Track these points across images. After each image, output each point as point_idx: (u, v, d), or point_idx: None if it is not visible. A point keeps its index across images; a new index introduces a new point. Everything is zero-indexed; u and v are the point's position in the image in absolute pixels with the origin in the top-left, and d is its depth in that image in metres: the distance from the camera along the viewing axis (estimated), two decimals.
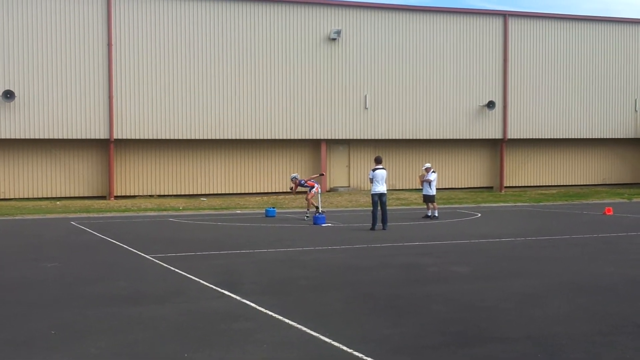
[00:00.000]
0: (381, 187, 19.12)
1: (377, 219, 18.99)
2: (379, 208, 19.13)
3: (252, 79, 33.26)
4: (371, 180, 19.32)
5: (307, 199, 23.80)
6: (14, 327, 7.72)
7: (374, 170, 19.27)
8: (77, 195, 31.87)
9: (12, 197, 30.81)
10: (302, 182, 23.95)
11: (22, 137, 30.34)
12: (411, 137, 36.23)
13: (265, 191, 34.54)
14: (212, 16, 32.66)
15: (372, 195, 19.24)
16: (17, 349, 6.86)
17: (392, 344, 7.10)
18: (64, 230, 19.60)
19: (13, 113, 30.04)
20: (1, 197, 30.60)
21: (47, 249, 15.24)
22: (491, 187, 38.65)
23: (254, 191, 34.45)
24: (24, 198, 30.87)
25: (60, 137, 30.86)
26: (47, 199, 30.99)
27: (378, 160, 19.58)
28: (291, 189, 24.89)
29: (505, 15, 37.66)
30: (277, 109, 33.68)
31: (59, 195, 31.51)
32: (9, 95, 29.73)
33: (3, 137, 30.08)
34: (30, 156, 31.22)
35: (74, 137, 31.06)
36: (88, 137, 31.21)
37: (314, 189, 23.42)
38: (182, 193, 33.31)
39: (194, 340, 7.20)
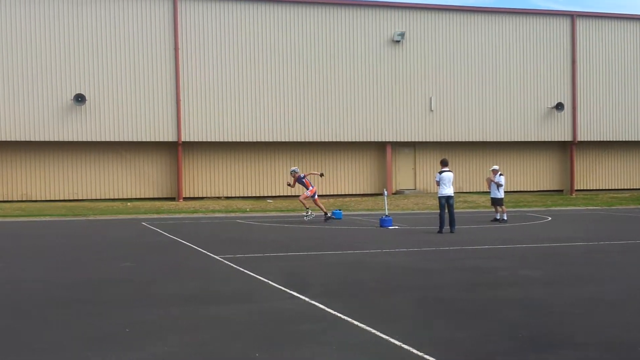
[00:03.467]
0: (448, 190, 18.98)
1: (445, 221, 18.84)
2: (446, 211, 19.00)
3: (317, 81, 33.39)
4: (438, 183, 19.18)
5: (316, 204, 23.17)
6: (89, 325, 7.91)
7: (440, 172, 19.13)
8: (147, 196, 32.50)
9: (84, 198, 31.59)
10: (302, 177, 23.24)
11: (93, 139, 31.08)
12: (478, 140, 35.84)
13: (332, 193, 34.59)
14: (277, 19, 32.91)
15: (439, 198, 19.10)
16: (93, 346, 7.02)
17: (462, 347, 7.03)
18: (135, 231, 19.98)
19: (84, 116, 30.81)
20: (75, 198, 31.42)
21: (120, 249, 15.56)
22: (561, 190, 37.92)
23: (320, 193, 34.48)
24: (96, 199, 31.63)
25: (130, 140, 31.51)
26: (118, 200, 31.67)
27: (444, 163, 19.43)
28: (289, 183, 23.98)
29: (573, 16, 36.93)
30: (342, 111, 33.73)
31: (129, 197, 32.17)
32: (80, 98, 30.50)
33: (75, 139, 30.88)
34: (101, 158, 31.96)
35: (144, 140, 31.69)
36: (157, 139, 31.80)
37: (308, 191, 22.92)
38: (249, 195, 33.64)
39: (264, 340, 7.25)
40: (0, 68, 29.95)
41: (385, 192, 23.56)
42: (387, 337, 7.28)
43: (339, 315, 8.34)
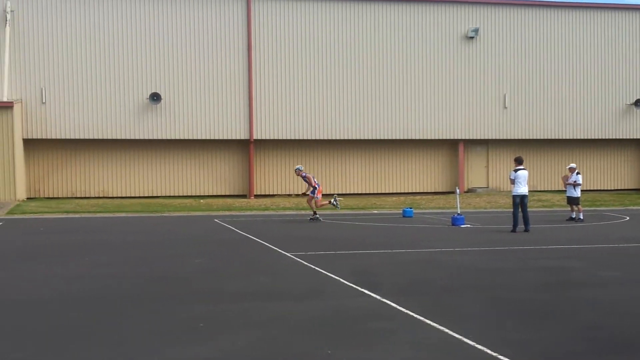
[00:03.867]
0: (523, 189, 18.66)
1: (519, 220, 18.51)
2: (520, 209, 18.68)
3: (388, 78, 33.26)
4: (512, 181, 18.82)
5: (308, 202, 22.69)
6: (164, 319, 8.04)
7: (515, 170, 18.78)
8: (219, 193, 32.93)
9: (159, 194, 32.22)
10: (305, 175, 22.66)
11: (168, 137, 31.67)
12: (553, 137, 35.12)
13: (402, 191, 34.43)
14: (348, 17, 32.89)
15: (514, 196, 18.75)
16: (170, 340, 7.13)
17: (537, 348, 6.88)
18: (208, 228, 20.26)
19: (159, 115, 31.41)
20: (150, 195, 32.08)
21: (193, 245, 15.79)
22: None
23: (391, 191, 34.42)
24: (169, 196, 32.22)
25: (203, 138, 31.98)
26: (191, 197, 32.19)
27: (519, 161, 19.06)
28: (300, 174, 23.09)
29: None
30: (414, 108, 33.52)
31: (202, 194, 32.66)
32: (155, 97, 31.11)
33: (150, 137, 31.52)
34: (175, 156, 32.54)
35: (216, 138, 32.11)
36: (229, 137, 32.19)
37: (317, 192, 22.32)
38: None
39: (335, 337, 7.24)
40: (80, 68, 30.76)
41: (458, 190, 23.29)
42: (460, 337, 7.19)
43: (411, 313, 8.27)
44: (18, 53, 30.26)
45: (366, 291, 9.70)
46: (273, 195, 33.08)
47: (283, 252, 14.14)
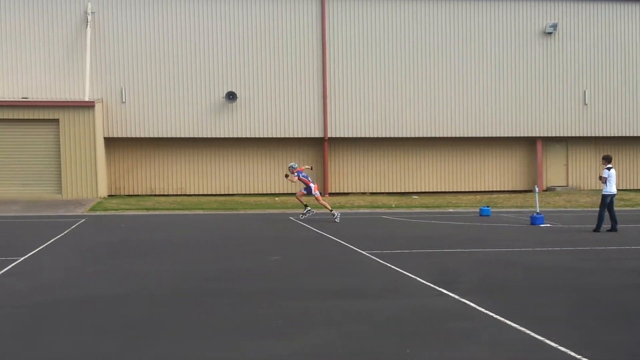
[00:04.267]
0: (614, 188, 18.26)
1: (604, 220, 18.05)
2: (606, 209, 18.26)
3: (464, 75, 32.82)
4: (605, 180, 18.32)
5: (298, 197, 21.98)
6: (241, 316, 8.11)
7: (609, 169, 18.31)
8: (294, 191, 32.97)
9: (235, 192, 32.59)
10: (299, 173, 21.74)
11: (243, 136, 31.99)
12: (636, 134, 34.07)
13: (479, 190, 33.97)
14: (421, 14, 32.59)
15: (605, 195, 18.27)
16: (246, 336, 7.18)
17: (622, 351, 6.66)
18: (283, 225, 20.38)
19: (235, 113, 31.76)
20: (226, 193, 32.49)
21: (269, 242, 15.90)
22: None
23: (467, 189, 33.99)
24: (245, 194, 32.55)
25: (278, 136, 32.18)
26: (266, 194, 32.45)
27: (609, 159, 18.60)
28: (286, 175, 22.58)
29: None
30: (490, 105, 33.00)
31: (277, 192, 32.90)
32: (231, 96, 31.47)
33: (226, 136, 31.89)
34: (250, 154, 32.85)
35: (291, 136, 32.26)
36: (304, 135, 32.30)
37: (313, 188, 21.57)
38: (393, 191, 33.57)
39: (413, 336, 7.17)
40: (158, 68, 31.36)
41: (536, 189, 22.78)
42: (542, 338, 7.03)
43: (491, 314, 8.13)
44: (99, 54, 31.05)
45: (444, 290, 9.59)
46: (347, 194, 33.06)
47: (359, 250, 14.11)
